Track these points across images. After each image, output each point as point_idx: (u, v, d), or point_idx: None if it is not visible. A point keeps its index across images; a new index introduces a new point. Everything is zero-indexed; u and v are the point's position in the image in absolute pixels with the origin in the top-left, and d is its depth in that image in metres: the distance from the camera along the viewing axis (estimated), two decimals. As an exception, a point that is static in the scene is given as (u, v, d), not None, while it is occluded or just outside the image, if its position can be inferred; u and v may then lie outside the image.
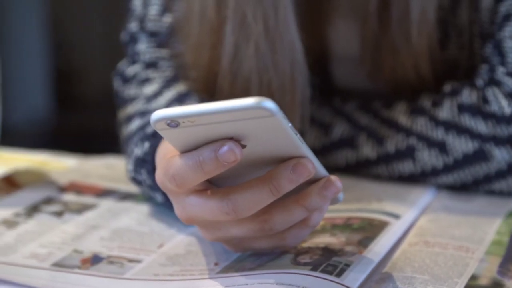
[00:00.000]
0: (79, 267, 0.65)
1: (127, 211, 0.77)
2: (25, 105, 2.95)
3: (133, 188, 0.82)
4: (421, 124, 0.80)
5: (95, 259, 0.66)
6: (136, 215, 0.76)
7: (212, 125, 0.54)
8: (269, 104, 0.53)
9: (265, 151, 0.57)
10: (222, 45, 0.78)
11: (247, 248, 0.64)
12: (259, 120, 0.54)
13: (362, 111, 0.84)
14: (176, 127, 0.54)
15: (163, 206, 0.76)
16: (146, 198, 0.79)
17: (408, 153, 0.80)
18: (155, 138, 0.73)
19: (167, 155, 0.60)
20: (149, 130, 0.76)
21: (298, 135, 0.57)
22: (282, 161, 0.58)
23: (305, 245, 0.66)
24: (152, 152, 0.73)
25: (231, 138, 0.55)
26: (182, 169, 0.57)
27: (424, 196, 0.79)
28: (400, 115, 0.82)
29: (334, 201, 0.63)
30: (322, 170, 0.60)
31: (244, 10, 0.76)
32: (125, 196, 0.81)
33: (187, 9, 0.82)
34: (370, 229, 0.69)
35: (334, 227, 0.70)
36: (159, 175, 0.61)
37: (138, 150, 0.75)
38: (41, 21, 3.15)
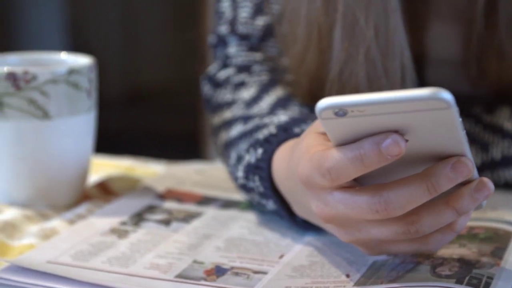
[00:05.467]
0: (205, 279, 0.63)
1: (234, 219, 0.75)
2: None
3: (233, 195, 0.79)
4: None
5: (219, 271, 0.64)
6: (245, 224, 0.74)
7: (379, 116, 0.52)
8: (447, 95, 0.50)
9: (424, 146, 0.55)
10: (331, 51, 0.75)
11: (385, 251, 0.61)
12: (432, 112, 0.51)
13: (462, 116, 0.81)
14: (342, 117, 0.52)
15: (273, 214, 0.74)
16: (249, 206, 0.77)
17: (516, 160, 0.78)
18: (268, 144, 0.71)
19: (312, 149, 0.58)
20: (259, 136, 0.73)
21: (464, 131, 0.54)
22: (437, 159, 0.55)
23: (438, 256, 0.63)
24: (267, 158, 0.71)
25: (394, 131, 0.53)
26: (341, 162, 0.54)
27: (535, 204, 0.77)
28: (505, 120, 0.80)
29: (478, 206, 0.60)
30: (475, 172, 0.57)
31: (355, 15, 0.74)
32: (227, 204, 0.79)
33: (291, 12, 0.79)
34: (498, 239, 0.67)
35: (460, 237, 0.67)
36: (304, 169, 0.58)
37: (251, 157, 0.72)
38: (60, 24, 3.13)
